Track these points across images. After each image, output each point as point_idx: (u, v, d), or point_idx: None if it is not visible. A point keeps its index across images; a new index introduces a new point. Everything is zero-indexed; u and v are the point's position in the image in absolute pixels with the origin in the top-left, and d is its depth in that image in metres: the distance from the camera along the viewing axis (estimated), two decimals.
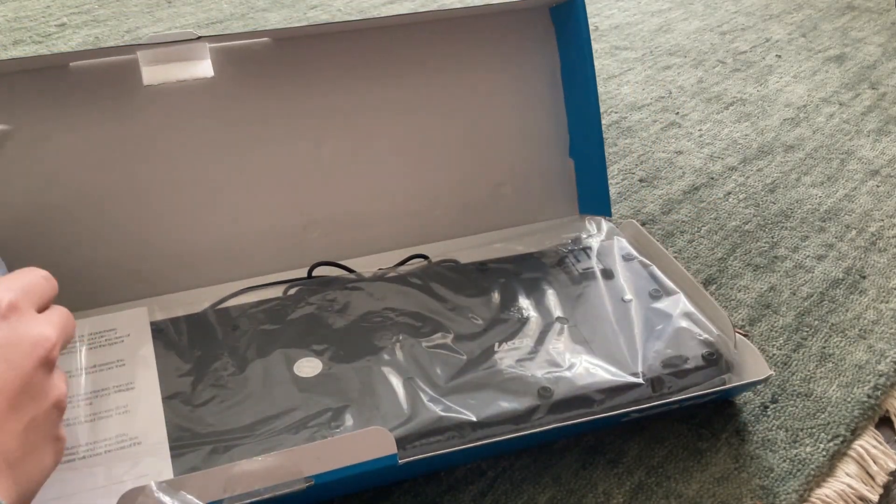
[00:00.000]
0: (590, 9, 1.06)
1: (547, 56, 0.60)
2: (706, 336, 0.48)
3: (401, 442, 0.41)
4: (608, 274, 0.54)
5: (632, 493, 0.44)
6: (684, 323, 0.49)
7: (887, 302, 0.58)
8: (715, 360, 0.47)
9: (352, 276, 0.54)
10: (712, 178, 0.72)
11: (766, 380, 0.46)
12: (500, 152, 0.60)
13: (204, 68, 0.50)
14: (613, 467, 0.46)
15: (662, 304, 0.51)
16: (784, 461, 0.46)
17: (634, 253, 0.56)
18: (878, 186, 0.72)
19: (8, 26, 0.94)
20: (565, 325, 0.50)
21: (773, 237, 0.65)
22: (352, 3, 1.05)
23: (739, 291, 0.59)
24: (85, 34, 0.93)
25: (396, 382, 0.45)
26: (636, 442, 0.47)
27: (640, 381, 0.46)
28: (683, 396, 0.45)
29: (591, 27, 1.02)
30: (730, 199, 0.69)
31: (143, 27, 0.95)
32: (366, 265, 0.55)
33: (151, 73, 0.48)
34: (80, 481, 0.37)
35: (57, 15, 0.97)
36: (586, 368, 0.46)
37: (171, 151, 0.52)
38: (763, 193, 0.70)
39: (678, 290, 0.52)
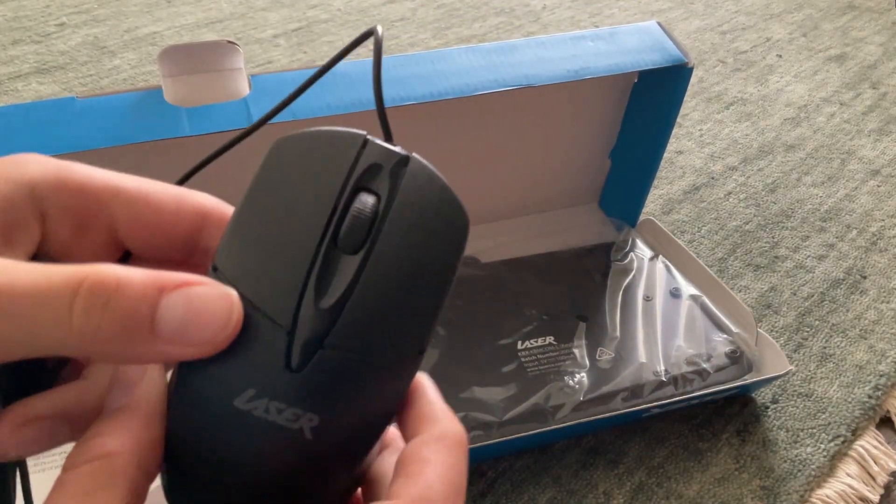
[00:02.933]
0: (590, 8, 1.06)
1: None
2: (728, 335, 0.49)
3: None
4: (629, 272, 0.54)
5: (632, 493, 0.44)
6: (706, 321, 0.50)
7: (888, 302, 0.58)
8: (738, 357, 0.47)
9: None
10: (713, 178, 0.72)
11: (785, 375, 0.46)
12: (534, 140, 0.59)
13: (240, 87, 0.42)
14: (614, 468, 0.45)
15: (684, 302, 0.51)
16: (785, 461, 0.46)
17: (655, 251, 0.56)
18: (878, 186, 0.72)
19: (7, 25, 0.94)
20: (587, 324, 0.50)
21: (773, 237, 0.65)
22: (351, 3, 1.05)
23: (740, 291, 0.59)
24: (84, 34, 0.93)
25: (420, 379, 0.45)
26: (636, 442, 0.47)
27: (664, 378, 0.46)
28: (703, 392, 0.45)
29: (590, 26, 1.02)
30: (730, 199, 0.69)
31: (142, 27, 0.95)
32: None
33: (174, 90, 0.41)
34: None
35: (56, 14, 0.97)
36: (609, 367, 0.46)
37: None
38: (763, 193, 0.70)
39: (699, 288, 0.52)
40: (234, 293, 0.17)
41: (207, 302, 0.17)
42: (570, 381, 0.45)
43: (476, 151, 0.57)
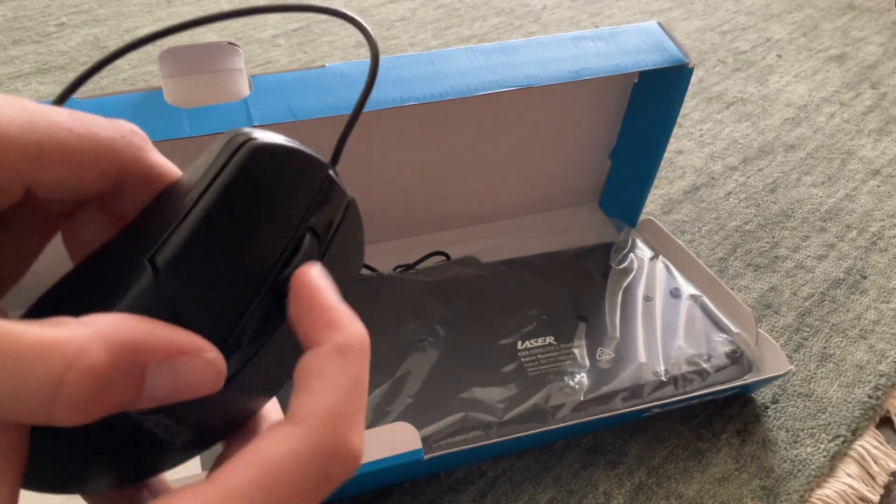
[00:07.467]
0: (590, 8, 1.06)
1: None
2: (728, 335, 0.49)
3: (426, 440, 0.41)
4: (629, 272, 0.54)
5: (632, 493, 0.44)
6: (707, 321, 0.50)
7: (888, 302, 0.58)
8: (738, 357, 0.48)
9: (372, 275, 0.54)
10: (713, 178, 0.72)
11: (785, 375, 0.46)
12: (533, 140, 0.59)
13: (240, 87, 0.41)
14: (614, 468, 0.45)
15: (684, 302, 0.51)
16: (785, 461, 0.46)
17: (655, 251, 0.56)
18: (878, 186, 0.72)
19: (7, 25, 0.94)
20: (587, 324, 0.50)
21: (773, 237, 0.65)
22: (351, 3, 1.05)
23: (740, 292, 0.59)
24: (84, 33, 0.93)
25: (420, 381, 0.45)
26: (637, 442, 0.47)
27: (664, 378, 0.46)
28: (703, 392, 0.45)
29: (590, 27, 1.02)
30: (730, 199, 0.69)
31: (142, 27, 0.95)
32: (383, 252, 0.55)
33: (174, 90, 0.41)
34: None
35: (56, 14, 0.97)
36: (609, 367, 0.46)
37: None
38: (764, 193, 0.70)
39: (699, 288, 0.52)
40: (220, 360, 0.17)
41: (195, 374, 0.16)
42: (571, 382, 0.45)
43: (476, 151, 0.57)
